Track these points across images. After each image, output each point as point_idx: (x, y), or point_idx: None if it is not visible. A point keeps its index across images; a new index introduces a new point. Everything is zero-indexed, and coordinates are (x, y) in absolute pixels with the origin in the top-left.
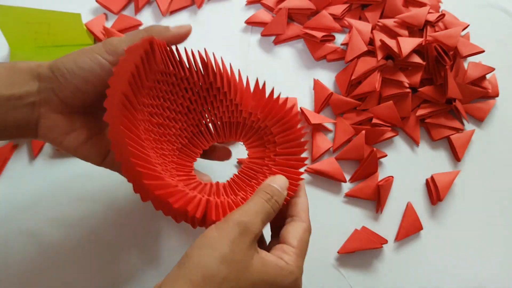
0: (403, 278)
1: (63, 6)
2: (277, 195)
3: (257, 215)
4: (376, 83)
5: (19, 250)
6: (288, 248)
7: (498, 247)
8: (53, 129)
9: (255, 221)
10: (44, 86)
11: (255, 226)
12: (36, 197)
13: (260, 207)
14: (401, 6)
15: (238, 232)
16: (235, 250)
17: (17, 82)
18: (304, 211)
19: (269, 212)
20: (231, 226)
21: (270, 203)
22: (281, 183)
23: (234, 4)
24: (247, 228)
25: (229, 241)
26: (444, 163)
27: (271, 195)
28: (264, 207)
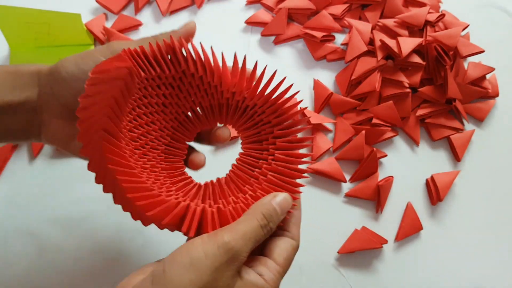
0: (403, 278)
1: (63, 6)
2: (274, 220)
3: (248, 242)
4: (376, 83)
5: (19, 250)
6: (272, 264)
7: (498, 247)
8: (56, 134)
9: (245, 249)
10: (44, 91)
11: (243, 254)
12: (36, 197)
13: (253, 233)
14: (401, 6)
15: (225, 260)
16: (218, 279)
17: (18, 87)
18: (297, 227)
19: (261, 239)
20: (220, 252)
21: (264, 230)
22: (283, 205)
23: (234, 4)
24: (236, 256)
25: (214, 268)
26: (444, 163)
27: (268, 220)
28: (258, 234)
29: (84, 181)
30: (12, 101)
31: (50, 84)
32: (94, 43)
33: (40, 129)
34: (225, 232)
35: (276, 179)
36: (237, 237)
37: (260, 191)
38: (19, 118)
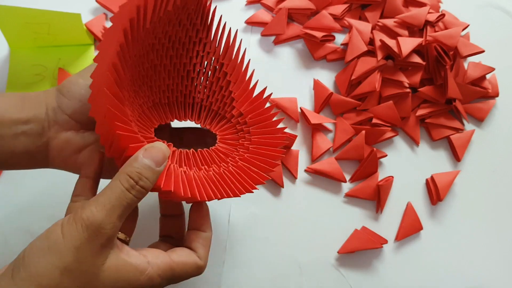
0: (403, 278)
1: (63, 6)
2: (147, 176)
3: (113, 212)
4: (376, 83)
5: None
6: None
7: (498, 247)
8: (64, 148)
9: (110, 220)
10: (51, 107)
11: (109, 226)
12: (36, 197)
13: (117, 200)
14: (401, 6)
15: (86, 237)
16: (81, 259)
17: (25, 107)
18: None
19: (130, 203)
20: (78, 230)
21: (133, 192)
22: (156, 155)
23: (234, 4)
24: (98, 230)
25: (74, 248)
26: (444, 163)
27: (136, 179)
28: (123, 199)
29: None
30: (20, 119)
31: (57, 99)
32: (94, 43)
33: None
34: (86, 207)
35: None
36: (97, 210)
37: (242, 162)
38: (26, 140)
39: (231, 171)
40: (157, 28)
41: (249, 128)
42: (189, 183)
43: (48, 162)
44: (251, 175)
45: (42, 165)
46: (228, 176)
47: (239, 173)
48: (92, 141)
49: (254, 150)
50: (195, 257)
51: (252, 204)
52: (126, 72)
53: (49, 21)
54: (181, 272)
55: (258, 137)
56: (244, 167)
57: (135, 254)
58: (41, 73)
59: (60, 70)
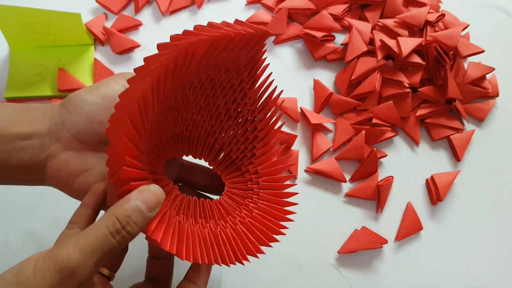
0: (403, 278)
1: (63, 6)
2: (137, 221)
3: (91, 256)
4: (376, 83)
5: (19, 250)
6: None
7: (498, 247)
8: (62, 169)
9: (86, 265)
10: (54, 123)
11: (83, 272)
12: (36, 197)
13: (97, 243)
14: (401, 6)
15: (57, 280)
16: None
17: (27, 121)
18: (204, 280)
19: (111, 249)
20: (50, 271)
21: (117, 238)
22: (150, 200)
23: (234, 4)
24: (71, 275)
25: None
26: (444, 163)
27: (124, 223)
28: (105, 243)
29: None
30: (20, 134)
31: (61, 114)
32: (94, 43)
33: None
34: (63, 247)
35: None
36: (74, 252)
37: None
38: (24, 155)
39: (228, 234)
40: (201, 71)
41: (259, 191)
42: (179, 238)
43: (44, 179)
44: (247, 244)
45: (38, 182)
46: (222, 239)
47: (234, 239)
48: (92, 165)
49: (257, 216)
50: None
51: None
52: (155, 106)
53: (49, 21)
54: None
55: (265, 204)
56: (242, 232)
57: None
58: (41, 73)
59: (60, 70)
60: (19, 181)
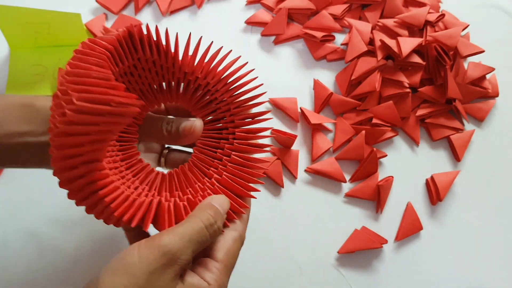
0: (403, 278)
1: (63, 6)
2: (220, 221)
3: (189, 244)
4: (376, 83)
5: (19, 250)
6: (212, 264)
7: (498, 247)
8: None
9: (185, 251)
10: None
11: (183, 257)
12: (36, 197)
13: (196, 234)
14: (401, 6)
15: (162, 263)
16: (153, 283)
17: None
18: (242, 220)
19: (205, 241)
20: (155, 255)
21: (210, 230)
22: (224, 206)
23: (234, 4)
24: (173, 259)
25: (148, 272)
26: (444, 163)
27: (215, 220)
28: (201, 235)
29: None
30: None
31: None
32: None
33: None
34: (164, 235)
35: (240, 158)
36: (175, 239)
37: (226, 173)
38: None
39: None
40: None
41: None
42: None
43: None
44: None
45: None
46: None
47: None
48: None
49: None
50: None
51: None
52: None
53: (49, 21)
54: (229, 258)
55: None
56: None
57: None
58: (41, 73)
59: (60, 70)
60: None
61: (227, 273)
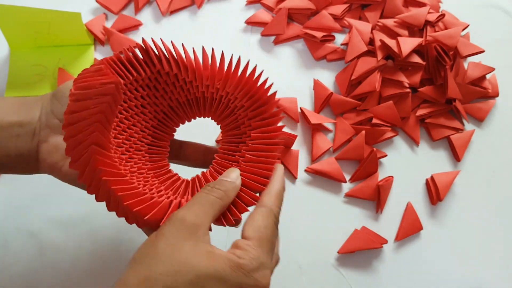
0: (403, 278)
1: (63, 6)
2: (225, 184)
3: (206, 215)
4: (376, 83)
5: (19, 250)
6: (242, 242)
7: (498, 247)
8: (52, 152)
9: (205, 221)
10: (45, 111)
11: (203, 229)
12: (36, 197)
13: (209, 206)
14: (401, 6)
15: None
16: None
17: (22, 111)
18: (269, 195)
19: (221, 208)
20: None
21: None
22: (231, 175)
23: (234, 4)
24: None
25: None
26: (444, 163)
27: (212, 185)
28: (215, 204)
29: None
30: (15, 122)
31: (51, 103)
32: (94, 43)
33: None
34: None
35: (253, 156)
36: (192, 212)
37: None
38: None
39: None
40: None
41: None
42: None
43: (39, 167)
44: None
45: (34, 170)
46: None
47: None
48: None
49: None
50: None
51: None
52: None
53: (49, 21)
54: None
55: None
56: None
57: (225, 251)
58: (41, 73)
59: (60, 70)
60: (19, 170)
61: (262, 248)
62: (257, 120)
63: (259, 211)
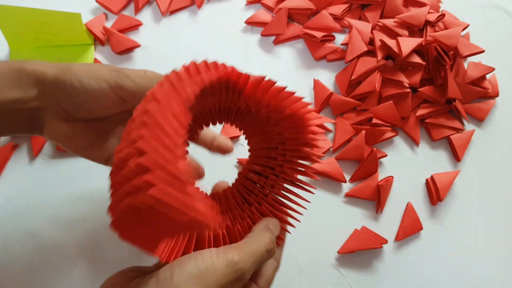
0: (403, 278)
1: (63, 6)
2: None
3: (253, 264)
4: (376, 83)
5: (19, 250)
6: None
7: (498, 247)
8: (56, 133)
9: (251, 271)
10: (48, 93)
11: (247, 276)
12: (36, 197)
13: (259, 257)
14: (401, 6)
15: (232, 279)
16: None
17: (24, 85)
18: (280, 248)
19: (264, 262)
20: (227, 270)
21: (269, 255)
22: (277, 229)
23: (234, 4)
24: (242, 277)
25: (220, 286)
26: (444, 163)
27: (273, 244)
28: (263, 257)
29: (84, 181)
30: (18, 99)
31: (54, 91)
32: (94, 43)
33: (42, 126)
34: (234, 250)
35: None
36: (245, 258)
37: (266, 203)
38: (23, 115)
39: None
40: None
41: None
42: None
43: (43, 134)
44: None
45: (38, 134)
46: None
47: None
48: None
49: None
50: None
51: None
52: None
53: (49, 21)
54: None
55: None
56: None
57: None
58: None
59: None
60: (23, 134)
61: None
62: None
63: (274, 264)
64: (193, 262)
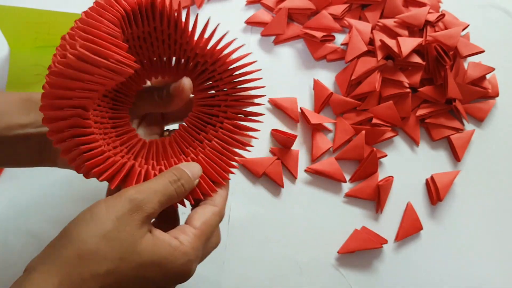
0: (403, 278)
1: (63, 6)
2: (185, 180)
3: (155, 194)
4: (376, 83)
5: (19, 250)
6: (188, 228)
7: (498, 247)
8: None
9: (151, 199)
10: None
11: (149, 205)
12: (36, 197)
13: (161, 186)
14: (401, 6)
15: (128, 209)
16: (120, 228)
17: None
18: (222, 197)
19: (171, 194)
20: (121, 202)
21: (174, 185)
22: (193, 171)
23: (234, 4)
24: (139, 206)
25: (115, 218)
26: (444, 163)
27: (178, 177)
28: (166, 188)
29: (84, 181)
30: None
31: None
32: None
33: (54, 156)
34: (130, 188)
35: (219, 147)
36: (141, 189)
37: (202, 155)
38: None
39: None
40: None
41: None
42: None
43: (56, 163)
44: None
45: (50, 165)
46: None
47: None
48: None
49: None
50: (209, 207)
51: (252, 204)
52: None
53: (49, 21)
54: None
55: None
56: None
57: (167, 235)
58: (41, 73)
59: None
60: (30, 164)
61: (202, 240)
62: (234, 112)
63: (211, 209)
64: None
